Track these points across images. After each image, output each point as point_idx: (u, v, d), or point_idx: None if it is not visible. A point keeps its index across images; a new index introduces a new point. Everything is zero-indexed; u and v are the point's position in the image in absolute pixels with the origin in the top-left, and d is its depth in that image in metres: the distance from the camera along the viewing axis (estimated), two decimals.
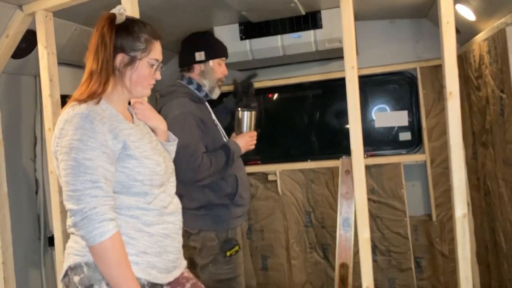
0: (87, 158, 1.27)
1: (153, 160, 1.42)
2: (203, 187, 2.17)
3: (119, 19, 1.42)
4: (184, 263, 1.58)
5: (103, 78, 1.37)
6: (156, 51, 1.47)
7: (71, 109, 1.33)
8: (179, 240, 1.51)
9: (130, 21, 1.45)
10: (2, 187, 2.31)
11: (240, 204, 2.25)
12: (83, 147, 1.27)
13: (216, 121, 2.29)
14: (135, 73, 1.43)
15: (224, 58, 2.34)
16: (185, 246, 1.59)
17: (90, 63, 1.39)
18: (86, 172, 1.26)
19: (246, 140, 2.25)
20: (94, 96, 1.36)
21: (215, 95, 2.31)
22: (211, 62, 2.27)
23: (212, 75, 2.28)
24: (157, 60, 1.47)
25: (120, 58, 1.41)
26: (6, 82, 2.40)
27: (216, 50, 2.32)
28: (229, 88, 2.60)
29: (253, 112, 2.30)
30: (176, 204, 1.52)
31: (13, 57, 2.30)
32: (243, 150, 2.24)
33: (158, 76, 1.50)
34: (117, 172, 1.35)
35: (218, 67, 2.29)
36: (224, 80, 2.35)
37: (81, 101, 1.34)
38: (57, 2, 2.05)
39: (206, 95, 2.28)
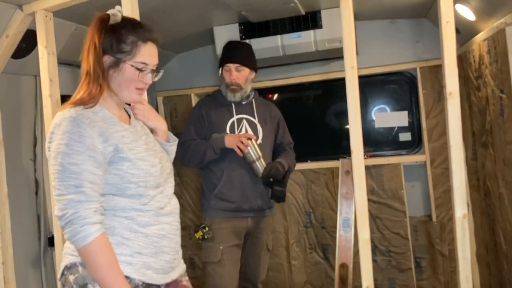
0: (72, 163, 1.28)
1: (147, 162, 1.41)
2: (203, 174, 2.54)
3: (113, 20, 1.41)
4: (183, 266, 1.57)
5: (96, 79, 1.38)
6: (145, 54, 1.41)
7: (62, 113, 1.34)
8: (177, 240, 1.50)
9: (122, 22, 1.42)
10: (2, 187, 2.31)
11: (223, 199, 2.43)
12: (69, 151, 1.28)
13: (231, 125, 2.48)
14: (120, 76, 1.41)
15: (229, 65, 2.49)
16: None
17: (84, 64, 1.39)
18: (71, 177, 1.28)
19: (234, 136, 2.40)
20: (91, 99, 1.37)
21: (229, 97, 2.52)
22: (220, 70, 2.55)
23: (223, 81, 2.53)
24: (144, 64, 1.41)
25: (105, 59, 1.39)
26: (6, 82, 2.40)
27: (221, 58, 2.56)
28: None
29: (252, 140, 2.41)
30: (173, 204, 1.52)
31: (13, 57, 2.30)
32: (227, 143, 2.38)
33: (149, 80, 1.45)
34: (111, 175, 1.36)
35: (225, 74, 2.51)
36: (236, 85, 2.48)
37: (75, 103, 1.36)
38: (57, 2, 2.05)
39: (227, 97, 2.52)
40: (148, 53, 1.42)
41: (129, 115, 1.55)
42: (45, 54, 2.10)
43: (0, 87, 2.37)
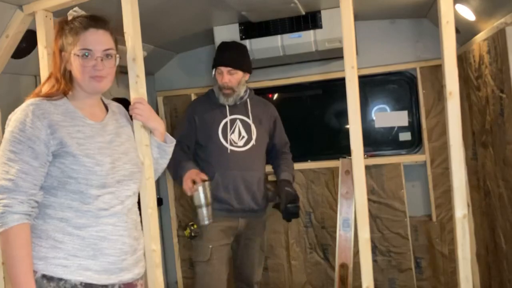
0: (11, 151, 1.33)
1: (93, 160, 1.40)
2: None
3: None
4: (141, 269, 1.53)
5: (54, 77, 1.47)
6: (86, 40, 1.44)
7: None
8: (124, 241, 1.45)
9: (71, 20, 1.49)
10: None
11: (214, 199, 2.37)
12: (11, 139, 1.34)
13: (224, 126, 2.46)
14: (72, 69, 1.45)
15: (221, 68, 2.45)
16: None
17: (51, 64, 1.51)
18: (6, 164, 1.32)
19: (187, 176, 2.31)
20: (56, 93, 1.43)
21: (221, 101, 2.50)
22: (213, 72, 2.52)
23: (216, 83, 2.51)
24: (87, 49, 1.43)
25: (62, 56, 1.47)
26: (6, 82, 2.40)
27: (214, 60, 2.53)
28: None
29: (206, 183, 2.30)
30: (126, 205, 1.48)
31: (13, 57, 2.30)
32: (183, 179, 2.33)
33: (99, 66, 1.44)
34: (54, 167, 1.38)
35: (218, 76, 2.48)
36: (229, 88, 2.46)
37: (38, 96, 1.43)
38: (57, 2, 2.05)
39: (219, 99, 2.50)
40: (90, 39, 1.44)
41: (107, 111, 1.57)
42: (45, 54, 2.09)
43: (0, 87, 2.37)
